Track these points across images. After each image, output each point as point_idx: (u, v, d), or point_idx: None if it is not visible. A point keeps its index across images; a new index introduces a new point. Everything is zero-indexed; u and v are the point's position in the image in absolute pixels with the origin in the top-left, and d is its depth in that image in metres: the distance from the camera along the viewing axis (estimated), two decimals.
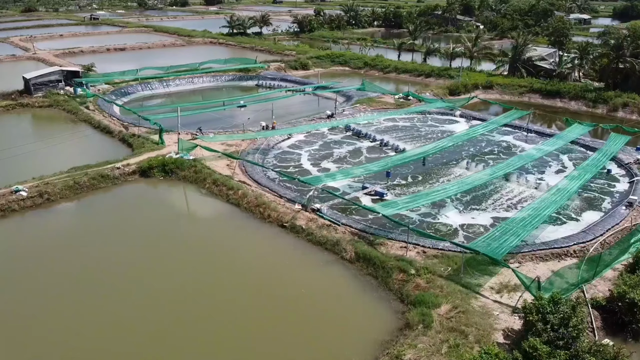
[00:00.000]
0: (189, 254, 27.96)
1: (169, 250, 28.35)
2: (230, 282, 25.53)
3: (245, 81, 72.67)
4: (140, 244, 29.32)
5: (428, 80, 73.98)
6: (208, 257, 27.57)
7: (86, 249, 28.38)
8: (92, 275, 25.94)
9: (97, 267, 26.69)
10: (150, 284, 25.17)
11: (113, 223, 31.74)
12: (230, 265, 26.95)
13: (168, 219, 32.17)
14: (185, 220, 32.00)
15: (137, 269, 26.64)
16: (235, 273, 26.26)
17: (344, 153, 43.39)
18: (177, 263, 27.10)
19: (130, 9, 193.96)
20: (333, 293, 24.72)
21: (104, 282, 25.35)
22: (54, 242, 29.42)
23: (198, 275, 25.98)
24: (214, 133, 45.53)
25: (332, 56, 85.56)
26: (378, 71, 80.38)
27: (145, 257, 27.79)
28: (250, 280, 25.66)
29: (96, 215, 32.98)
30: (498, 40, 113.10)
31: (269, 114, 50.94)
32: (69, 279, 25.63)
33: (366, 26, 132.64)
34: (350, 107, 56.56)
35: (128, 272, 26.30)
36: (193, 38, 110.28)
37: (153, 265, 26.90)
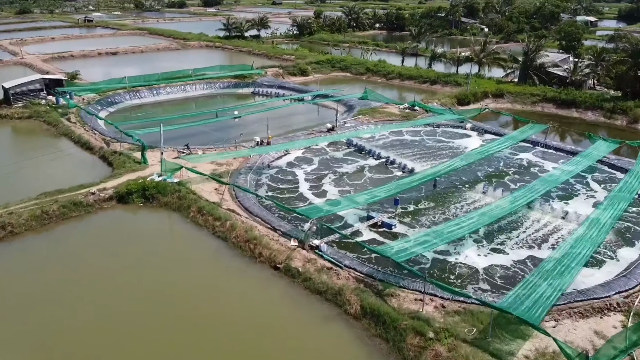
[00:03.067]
0: (159, 305, 23.56)
1: (136, 302, 23.93)
2: (209, 343, 21.19)
3: (240, 88, 68.35)
4: (103, 287, 24.95)
5: (434, 88, 69.67)
6: (183, 310, 23.15)
7: (48, 293, 24.10)
8: (52, 322, 21.69)
9: (59, 313, 22.44)
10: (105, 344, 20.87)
11: (80, 261, 27.39)
12: (211, 321, 22.57)
13: (141, 257, 27.80)
14: (161, 260, 27.57)
15: (96, 318, 22.31)
16: (215, 332, 21.91)
17: (346, 172, 39.08)
18: (144, 317, 22.75)
19: (127, 11, 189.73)
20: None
21: (64, 330, 21.11)
22: (13, 284, 25.11)
23: (167, 333, 21.63)
24: (203, 150, 41.21)
25: (333, 61, 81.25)
26: (381, 77, 76.07)
27: (108, 306, 23.41)
28: (234, 341, 21.34)
29: (63, 252, 28.63)
30: (504, 44, 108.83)
31: (265, 127, 46.68)
32: (24, 331, 21.34)
33: (367, 29, 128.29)
34: (352, 118, 52.21)
35: (89, 320, 22.00)
36: (188, 41, 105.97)
37: (115, 319, 22.54)
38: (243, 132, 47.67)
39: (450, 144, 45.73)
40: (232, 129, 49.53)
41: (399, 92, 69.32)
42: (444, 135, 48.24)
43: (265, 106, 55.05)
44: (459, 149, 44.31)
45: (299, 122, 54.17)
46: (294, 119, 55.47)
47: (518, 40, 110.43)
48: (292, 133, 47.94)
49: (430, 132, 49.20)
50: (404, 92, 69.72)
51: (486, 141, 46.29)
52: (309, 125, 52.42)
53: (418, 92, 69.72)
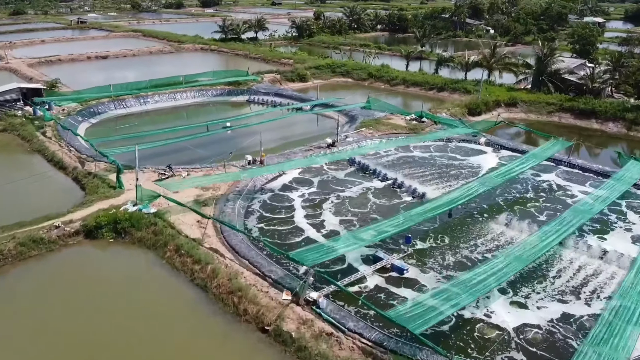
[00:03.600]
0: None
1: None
2: None
3: (235, 96, 63.70)
4: (52, 349, 20.38)
5: (441, 95, 64.99)
6: None
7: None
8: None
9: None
10: None
11: (29, 315, 22.79)
12: None
13: (102, 310, 23.14)
14: (125, 314, 22.92)
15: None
16: None
17: (348, 197, 34.45)
18: None
19: (124, 12, 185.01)
20: None
21: None
22: None
23: None
24: (187, 171, 36.59)
25: (333, 66, 76.57)
26: (384, 83, 71.39)
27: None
28: None
29: (11, 303, 24.00)
30: (512, 46, 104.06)
31: (258, 141, 42.24)
32: None
33: (369, 30, 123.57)
34: (355, 131, 47.54)
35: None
36: (183, 44, 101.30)
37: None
38: (235, 146, 43.27)
39: (464, 162, 41.05)
40: (223, 144, 44.97)
41: (404, 100, 64.65)
42: (456, 152, 43.55)
43: (260, 118, 50.35)
44: (474, 168, 39.66)
45: (297, 134, 49.59)
46: (291, 131, 50.90)
47: (526, 42, 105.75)
48: (289, 149, 43.34)
49: (441, 148, 44.53)
50: (410, 99, 65.08)
51: (503, 159, 41.65)
52: (307, 137, 47.91)
53: (424, 99, 65.00)
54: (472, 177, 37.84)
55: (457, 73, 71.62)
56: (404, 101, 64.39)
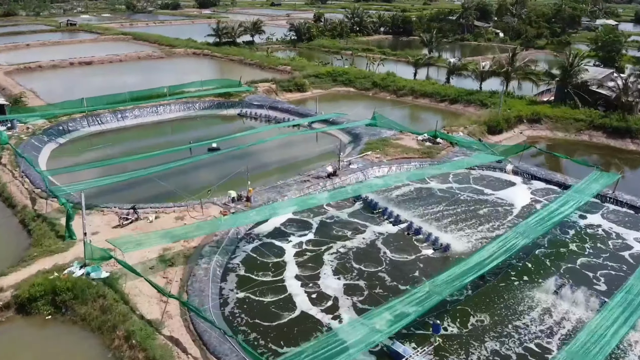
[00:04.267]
0: None
1: None
2: None
3: (225, 109, 56.96)
4: None
5: (454, 108, 58.19)
6: None
7: None
8: None
9: None
10: None
11: None
12: None
13: None
14: None
15: None
16: None
17: (354, 248, 27.72)
18: None
19: (118, 13, 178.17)
20: None
21: None
22: None
23: None
24: (156, 213, 29.86)
25: (334, 74, 69.74)
26: (390, 93, 64.60)
27: None
28: None
29: None
30: (524, 51, 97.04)
31: (248, 163, 35.72)
32: None
33: (372, 33, 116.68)
34: (359, 155, 40.72)
35: None
36: (174, 48, 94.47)
37: None
38: (221, 172, 36.80)
39: (492, 198, 34.22)
40: (207, 170, 38.34)
41: (413, 114, 57.84)
42: (480, 182, 36.70)
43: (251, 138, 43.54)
44: (505, 206, 32.87)
45: (293, 156, 42.92)
46: (286, 152, 44.24)
47: (539, 46, 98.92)
48: (283, 174, 36.70)
49: (462, 177, 37.70)
50: (419, 113, 58.30)
51: (537, 193, 34.86)
52: (305, 160, 41.40)
53: (435, 112, 58.38)
54: (503, 218, 31.11)
55: (470, 82, 64.74)
56: (413, 115, 57.62)
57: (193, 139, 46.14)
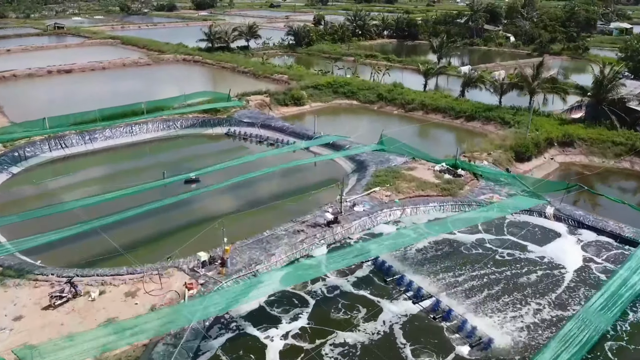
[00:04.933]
0: None
1: None
2: None
3: (210, 127, 49.61)
4: None
5: (472, 126, 50.79)
6: None
7: None
8: None
9: None
10: None
11: None
12: None
13: None
14: None
15: None
16: None
17: (361, 343, 20.36)
18: None
19: (111, 15, 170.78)
20: None
21: None
22: None
23: None
24: (103, 284, 22.53)
25: (335, 85, 62.34)
26: (397, 107, 57.23)
27: None
28: None
29: None
30: (537, 58, 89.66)
31: (231, 200, 28.58)
32: None
33: (375, 37, 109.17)
34: (365, 192, 33.33)
35: None
36: (163, 54, 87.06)
37: None
38: (193, 214, 29.72)
39: (534, 257, 26.77)
40: (178, 213, 30.99)
41: (425, 132, 50.39)
42: (517, 232, 29.22)
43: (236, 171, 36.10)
44: (553, 270, 25.47)
45: (285, 190, 35.52)
46: (278, 184, 36.89)
47: (554, 52, 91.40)
48: (271, 222, 29.30)
49: (494, 227, 30.19)
50: (431, 130, 50.88)
51: (590, 248, 27.45)
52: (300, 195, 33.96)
53: (449, 130, 51.10)
54: (554, 290, 23.73)
55: (486, 94, 57.25)
56: (424, 134, 50.21)
57: (171, 164, 39.33)
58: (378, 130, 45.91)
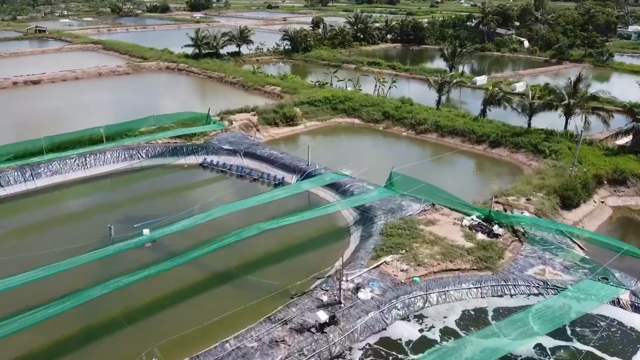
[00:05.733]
0: None
1: None
2: None
3: (182, 157, 40.71)
4: None
5: (497, 154, 41.93)
6: None
7: None
8: None
9: None
10: None
11: None
12: None
13: None
14: None
15: None
16: None
17: None
18: None
19: (103, 16, 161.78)
20: None
21: None
22: None
23: None
24: None
25: (334, 100, 53.49)
26: (406, 128, 48.39)
27: None
28: None
29: None
30: (558, 65, 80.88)
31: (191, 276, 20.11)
32: None
33: (378, 42, 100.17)
34: (371, 260, 24.47)
35: None
36: (145, 62, 78.17)
37: None
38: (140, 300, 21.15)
39: None
40: (116, 299, 22.18)
41: (442, 162, 41.39)
42: (587, 336, 20.33)
43: (208, 230, 27.24)
44: None
45: (264, 257, 26.65)
46: (257, 243, 27.90)
47: (574, 59, 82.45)
48: (233, 327, 20.45)
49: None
50: (450, 159, 41.79)
51: None
52: (285, 258, 25.28)
53: (470, 158, 42.21)
54: None
55: (510, 113, 48.28)
56: (441, 164, 41.22)
57: (128, 208, 31.04)
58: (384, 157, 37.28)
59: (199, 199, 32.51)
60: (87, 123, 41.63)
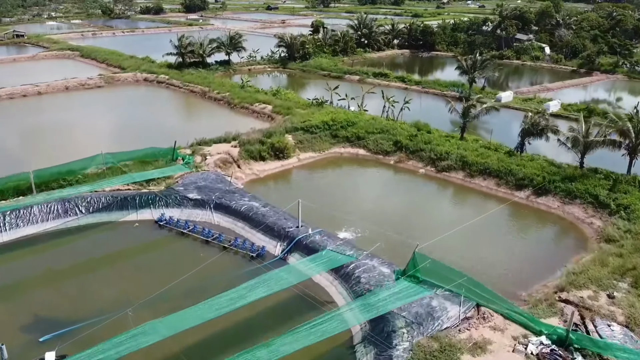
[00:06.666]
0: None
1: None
2: None
3: (135, 210, 30.74)
4: None
5: (545, 205, 31.86)
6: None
7: None
8: None
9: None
10: None
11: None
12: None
13: None
14: None
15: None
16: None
17: None
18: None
19: (93, 18, 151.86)
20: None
21: None
22: None
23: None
24: None
25: (334, 125, 43.55)
26: (424, 163, 38.46)
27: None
28: None
29: None
30: (585, 77, 70.57)
31: None
32: None
33: (383, 48, 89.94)
34: None
35: None
36: (122, 72, 68.32)
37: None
38: None
39: None
40: None
41: (473, 221, 31.14)
42: None
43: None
44: None
45: None
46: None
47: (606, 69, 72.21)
48: None
49: None
50: (483, 213, 31.60)
51: None
52: None
53: (514, 212, 31.97)
54: None
55: (553, 146, 38.19)
56: (473, 225, 30.99)
57: (36, 309, 21.40)
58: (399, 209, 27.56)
59: (140, 290, 22.70)
60: (26, 161, 32.07)
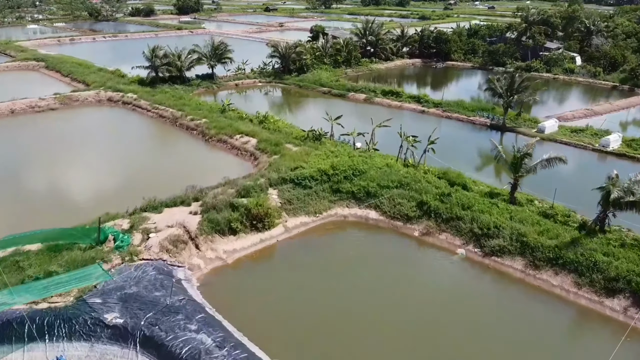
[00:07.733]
0: None
1: None
2: None
3: (20, 345, 19.02)
4: None
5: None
6: None
7: None
8: None
9: None
10: None
11: None
12: None
13: None
14: None
15: None
16: None
17: None
18: None
19: (79, 20, 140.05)
20: None
21: None
22: None
23: None
24: None
25: (335, 175, 31.75)
26: (463, 240, 26.65)
27: None
28: None
29: None
30: (633, 97, 58.44)
31: None
32: None
33: (392, 57, 77.85)
34: None
35: None
36: (83, 90, 56.52)
37: None
38: None
39: None
40: None
41: (538, 331, 19.39)
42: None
43: None
44: None
45: None
46: None
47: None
48: None
49: None
50: (579, 339, 19.76)
51: None
52: None
53: (597, 325, 19.95)
54: None
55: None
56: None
57: None
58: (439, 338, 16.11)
59: None
60: None
